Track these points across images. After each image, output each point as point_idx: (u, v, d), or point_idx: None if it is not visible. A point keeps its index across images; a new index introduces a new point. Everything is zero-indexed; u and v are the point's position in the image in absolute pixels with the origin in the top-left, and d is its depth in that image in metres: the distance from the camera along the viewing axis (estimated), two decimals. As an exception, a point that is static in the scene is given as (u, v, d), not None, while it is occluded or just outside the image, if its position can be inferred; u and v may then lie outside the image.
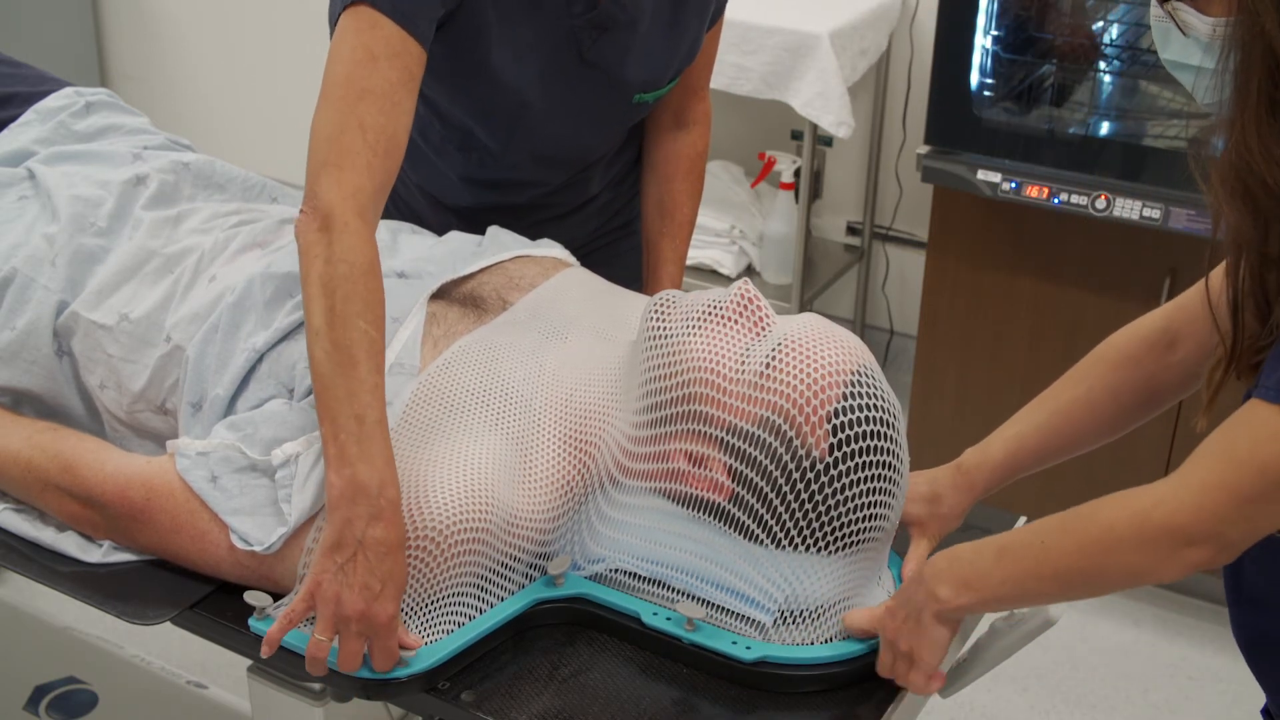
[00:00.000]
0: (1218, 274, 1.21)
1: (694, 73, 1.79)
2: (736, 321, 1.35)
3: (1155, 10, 1.17)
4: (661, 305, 1.39)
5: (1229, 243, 1.13)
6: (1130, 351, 1.39)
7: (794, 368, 1.29)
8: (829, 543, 1.30)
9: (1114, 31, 2.57)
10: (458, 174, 1.76)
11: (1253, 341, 1.16)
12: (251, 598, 1.31)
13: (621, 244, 1.93)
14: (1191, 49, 1.14)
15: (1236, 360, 1.17)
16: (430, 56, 1.53)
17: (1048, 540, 1.19)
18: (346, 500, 1.23)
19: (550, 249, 1.66)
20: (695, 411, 1.33)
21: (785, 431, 1.29)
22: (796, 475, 1.29)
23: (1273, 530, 1.13)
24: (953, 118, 2.54)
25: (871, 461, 1.29)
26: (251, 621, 1.32)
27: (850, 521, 1.30)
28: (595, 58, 1.61)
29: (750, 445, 1.30)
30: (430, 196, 1.82)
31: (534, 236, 1.70)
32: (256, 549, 1.34)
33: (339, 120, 1.35)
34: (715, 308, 1.36)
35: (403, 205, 1.86)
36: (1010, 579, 1.21)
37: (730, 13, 1.82)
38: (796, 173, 3.09)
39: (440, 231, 1.72)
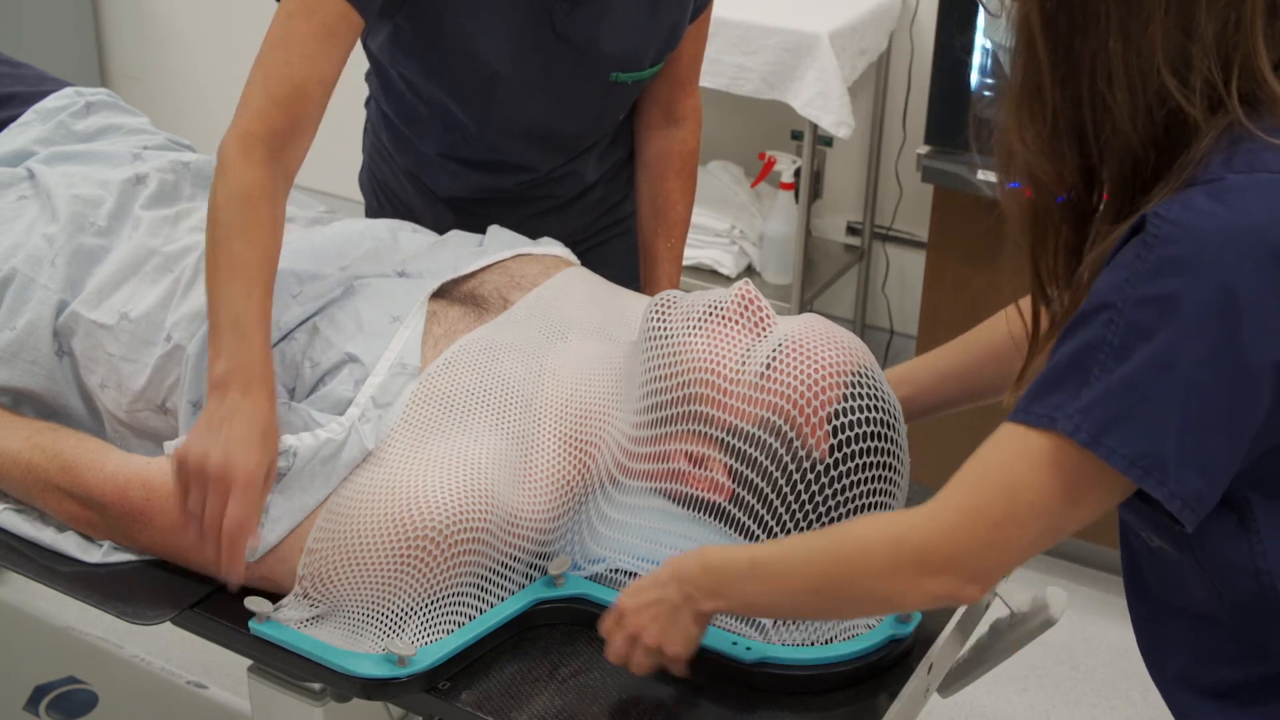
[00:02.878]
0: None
1: (681, 66, 1.79)
2: (737, 322, 1.35)
3: None
4: (662, 305, 1.39)
5: (1012, 239, 1.13)
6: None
7: (794, 368, 1.29)
8: (829, 543, 1.30)
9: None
10: (442, 156, 1.76)
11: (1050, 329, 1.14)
12: (252, 603, 1.31)
13: (617, 242, 1.93)
14: (1001, 30, 1.14)
15: (1038, 344, 1.15)
16: (399, 31, 1.58)
17: (801, 555, 1.17)
18: (222, 384, 1.33)
19: (551, 247, 1.66)
20: (695, 412, 1.33)
21: (785, 432, 1.29)
22: (797, 476, 1.29)
23: (1018, 563, 1.11)
24: (953, 118, 2.53)
25: (872, 462, 1.29)
26: (252, 624, 1.32)
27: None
28: (567, 30, 1.61)
29: (750, 446, 1.30)
30: (422, 187, 1.82)
31: (528, 229, 1.70)
32: None
33: (252, 73, 1.47)
34: (715, 308, 1.36)
35: (394, 199, 1.86)
36: (762, 592, 1.19)
37: (730, 13, 1.82)
38: (796, 173, 3.09)
39: (433, 225, 1.72)
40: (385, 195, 1.88)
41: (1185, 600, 1.14)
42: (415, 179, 1.83)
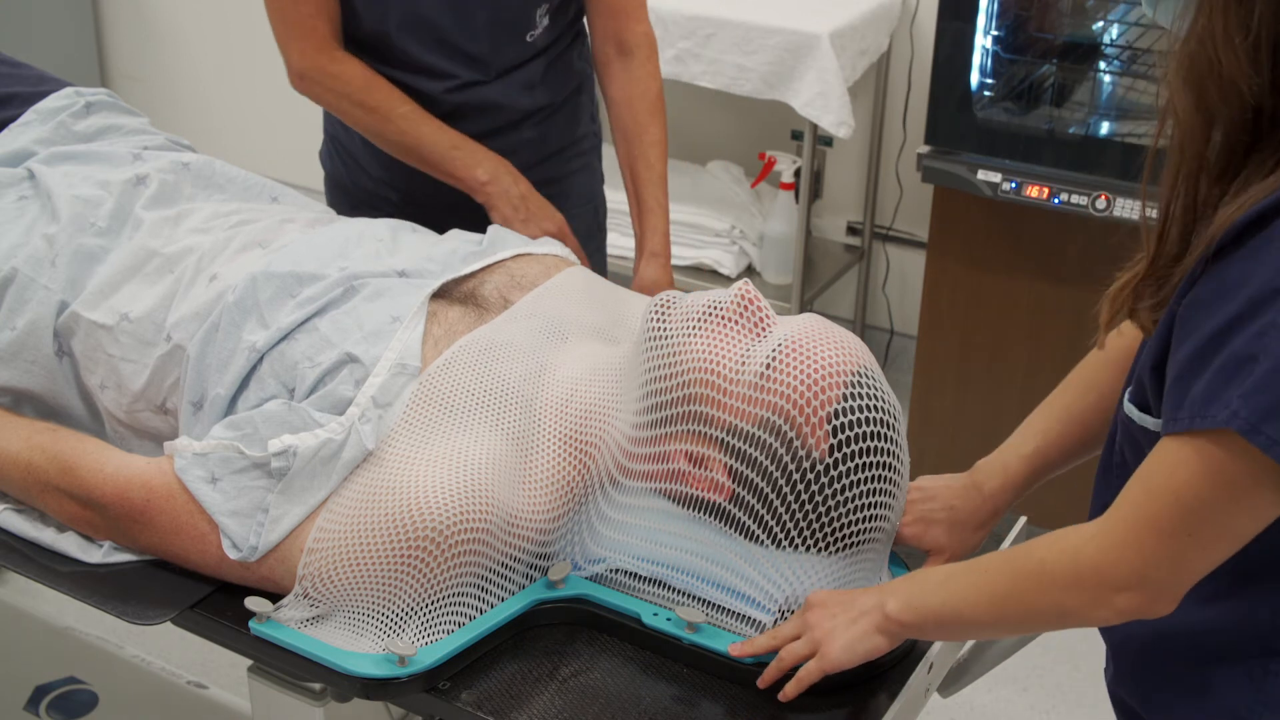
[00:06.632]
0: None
1: None
2: (736, 322, 1.35)
3: None
4: (662, 306, 1.39)
5: (1172, 146, 1.08)
6: (1134, 351, 1.32)
7: (794, 368, 1.29)
8: (829, 543, 1.31)
9: (1114, 31, 2.57)
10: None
11: (1168, 262, 1.10)
12: (252, 603, 1.31)
13: (572, 180, 1.99)
14: None
15: (1150, 278, 1.11)
16: None
17: (989, 569, 1.18)
18: (488, 184, 1.77)
19: (552, 247, 1.66)
20: (695, 412, 1.33)
21: (785, 432, 1.29)
22: (796, 476, 1.29)
23: (1203, 573, 1.08)
24: (953, 118, 2.54)
25: (872, 462, 1.29)
26: (252, 624, 1.32)
27: (850, 522, 1.30)
28: None
29: (750, 446, 1.30)
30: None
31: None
32: (233, 556, 1.34)
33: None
34: (715, 308, 1.36)
35: (345, 153, 1.99)
36: (948, 601, 1.20)
37: (730, 13, 1.83)
38: (797, 173, 3.09)
39: (381, 168, 1.86)
40: (339, 151, 2.03)
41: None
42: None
